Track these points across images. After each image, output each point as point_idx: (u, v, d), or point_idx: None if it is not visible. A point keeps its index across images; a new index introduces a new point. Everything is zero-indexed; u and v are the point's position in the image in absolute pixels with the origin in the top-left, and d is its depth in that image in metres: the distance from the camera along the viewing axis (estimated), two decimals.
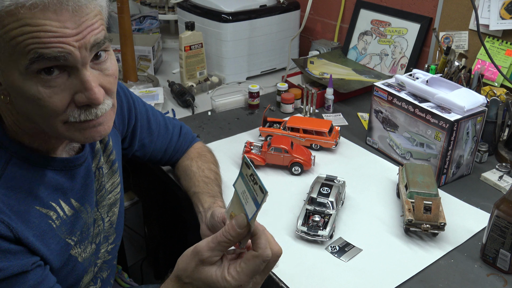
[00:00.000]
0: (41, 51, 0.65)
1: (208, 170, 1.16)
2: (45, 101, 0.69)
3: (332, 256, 1.02)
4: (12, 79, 0.68)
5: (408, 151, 1.31)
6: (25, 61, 0.65)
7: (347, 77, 1.78)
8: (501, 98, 1.38)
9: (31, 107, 0.70)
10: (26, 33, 0.64)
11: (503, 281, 0.96)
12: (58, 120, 0.72)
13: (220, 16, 1.78)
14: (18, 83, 0.68)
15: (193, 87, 1.77)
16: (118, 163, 1.01)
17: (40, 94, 0.68)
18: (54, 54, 0.66)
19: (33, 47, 0.65)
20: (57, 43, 0.66)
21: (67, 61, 0.68)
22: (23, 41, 0.65)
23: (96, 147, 0.93)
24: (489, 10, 1.52)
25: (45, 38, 0.65)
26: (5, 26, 0.65)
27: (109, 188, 0.98)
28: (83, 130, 0.75)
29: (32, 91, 0.68)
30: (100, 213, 0.95)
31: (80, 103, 0.71)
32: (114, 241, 1.02)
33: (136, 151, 1.13)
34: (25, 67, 0.66)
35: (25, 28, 0.64)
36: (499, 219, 0.95)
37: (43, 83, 0.68)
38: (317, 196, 1.10)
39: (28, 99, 0.69)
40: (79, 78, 0.70)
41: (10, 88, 0.70)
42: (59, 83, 0.69)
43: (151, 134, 1.14)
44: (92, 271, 0.95)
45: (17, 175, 0.75)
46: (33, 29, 0.64)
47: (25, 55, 0.65)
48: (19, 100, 0.71)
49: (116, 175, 1.00)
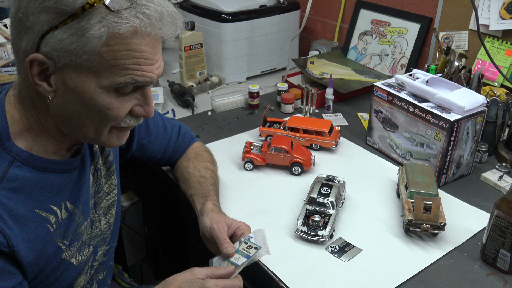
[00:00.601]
0: (136, 78, 0.72)
1: (204, 169, 1.16)
2: (114, 111, 0.75)
3: (332, 256, 1.02)
4: (85, 88, 0.72)
5: (408, 151, 1.31)
6: (116, 80, 0.71)
7: (347, 77, 1.78)
8: (501, 98, 1.38)
9: (90, 113, 0.75)
10: (130, 58, 0.71)
11: (503, 281, 0.96)
12: (110, 125, 0.78)
13: (220, 16, 1.78)
14: (92, 94, 0.73)
15: (193, 87, 1.77)
16: (115, 164, 1.01)
17: (111, 105, 0.74)
18: (144, 82, 0.74)
19: (132, 73, 0.72)
20: (149, 72, 0.74)
21: (147, 86, 0.77)
22: (125, 64, 0.71)
23: (94, 149, 0.93)
24: (489, 10, 1.52)
25: (143, 65, 0.73)
26: (110, 46, 0.69)
27: (107, 190, 0.98)
28: (120, 135, 0.82)
29: (104, 102, 0.74)
30: (98, 215, 0.95)
31: (138, 114, 0.79)
32: (109, 242, 1.02)
33: (135, 152, 1.13)
34: (112, 84, 0.72)
35: (130, 53, 0.70)
36: (499, 219, 0.95)
37: (118, 96, 0.74)
38: (317, 196, 1.10)
39: (93, 107, 0.74)
40: (143, 95, 0.78)
41: (70, 93, 0.73)
42: (128, 96, 0.76)
43: (150, 134, 1.14)
44: (88, 273, 0.95)
45: (19, 177, 0.75)
46: (137, 55, 0.71)
47: (119, 75, 0.71)
48: (74, 105, 0.74)
49: (113, 177, 1.00)
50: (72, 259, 0.87)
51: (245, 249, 0.94)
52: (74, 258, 0.87)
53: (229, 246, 0.94)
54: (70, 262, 0.86)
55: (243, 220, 1.08)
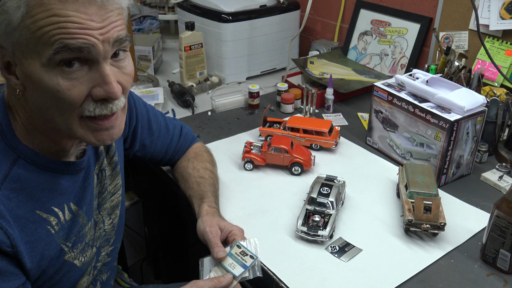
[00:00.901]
0: (66, 42, 0.66)
1: (203, 170, 1.16)
2: (64, 93, 0.69)
3: (332, 256, 1.02)
4: (33, 71, 0.68)
5: (408, 151, 1.31)
6: (49, 51, 0.66)
7: (347, 77, 1.78)
8: (501, 98, 1.38)
9: (49, 100, 0.71)
10: (54, 23, 0.65)
11: (503, 281, 0.96)
12: (74, 114, 0.72)
13: (220, 16, 1.78)
14: (39, 75, 0.68)
15: (193, 87, 1.77)
16: (120, 165, 1.01)
17: (59, 86, 0.69)
18: (78, 45, 0.67)
19: (59, 37, 0.66)
20: (83, 35, 0.67)
21: (90, 54, 0.69)
22: (50, 31, 0.66)
23: (99, 149, 0.93)
24: (489, 10, 1.52)
25: (71, 29, 0.66)
26: (34, 16, 0.66)
27: (112, 190, 0.98)
28: (96, 132, 0.75)
29: (51, 83, 0.68)
30: (101, 216, 0.94)
31: (98, 96, 0.72)
32: (113, 243, 1.01)
33: (137, 152, 1.13)
34: (48, 58, 0.67)
35: (53, 18, 0.65)
36: (499, 219, 0.95)
37: (64, 75, 0.69)
38: (317, 196, 1.10)
39: (46, 91, 0.69)
40: (99, 72, 0.71)
41: (28, 80, 0.70)
42: (78, 75, 0.70)
43: (152, 134, 1.14)
44: (91, 274, 0.94)
45: (22, 177, 0.75)
46: (61, 19, 0.66)
47: (50, 46, 0.66)
48: (36, 93, 0.71)
49: (118, 177, 0.99)
50: (75, 261, 0.86)
51: (239, 254, 0.93)
52: (77, 260, 0.87)
53: (220, 250, 0.94)
54: (73, 264, 0.86)
55: (243, 220, 1.08)
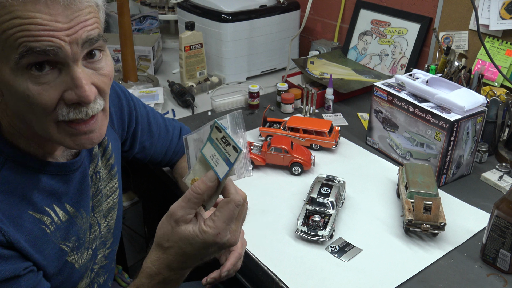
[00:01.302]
0: (30, 45, 0.63)
1: None
2: (34, 98, 0.67)
3: (332, 256, 1.02)
4: (3, 76, 0.67)
5: (408, 151, 1.31)
6: (15, 55, 0.64)
7: (347, 77, 1.78)
8: (501, 98, 1.38)
9: (22, 105, 0.69)
10: (16, 26, 0.63)
11: (503, 281, 0.96)
12: (49, 119, 0.70)
13: (220, 16, 1.78)
14: (9, 80, 0.66)
15: (193, 87, 1.77)
16: (117, 167, 1.00)
17: (29, 91, 0.66)
18: (43, 47, 0.64)
19: (23, 41, 0.63)
20: (47, 37, 0.64)
21: (57, 56, 0.66)
22: (13, 34, 0.63)
23: (94, 151, 0.92)
24: (489, 10, 1.52)
25: (34, 31, 0.63)
26: None
27: (107, 193, 0.97)
28: (74, 136, 0.73)
29: (21, 88, 0.66)
30: (96, 218, 0.94)
31: (70, 101, 0.69)
32: (111, 245, 1.01)
33: (137, 154, 1.13)
34: (15, 62, 0.64)
35: (16, 20, 0.63)
36: (499, 219, 0.95)
37: (33, 79, 0.66)
38: (317, 196, 1.10)
39: (18, 96, 0.67)
40: (69, 75, 0.68)
41: (2, 85, 0.68)
42: (49, 79, 0.67)
43: (152, 136, 1.13)
44: (88, 277, 0.94)
45: (11, 179, 0.74)
46: (23, 21, 0.63)
47: (15, 49, 0.64)
48: (11, 98, 0.69)
49: (115, 180, 0.99)
50: (76, 263, 0.86)
51: (220, 142, 0.74)
52: (77, 262, 0.87)
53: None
54: (74, 266, 0.86)
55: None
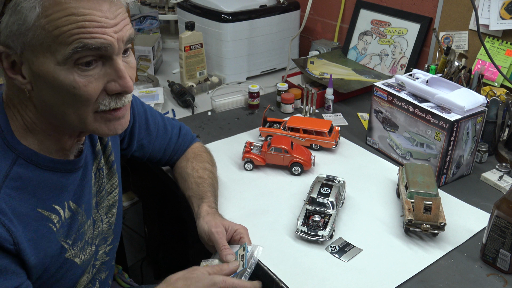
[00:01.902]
0: (85, 41, 0.67)
1: (202, 170, 1.16)
2: (81, 90, 0.70)
3: (332, 256, 1.02)
4: (46, 69, 0.69)
5: (408, 151, 1.31)
6: (66, 50, 0.67)
7: (347, 77, 1.78)
8: (501, 98, 1.38)
9: (62, 97, 0.71)
10: (72, 23, 0.66)
11: (503, 281, 0.96)
12: (89, 109, 0.74)
13: (220, 16, 1.78)
14: (53, 73, 0.69)
15: (193, 87, 1.77)
16: (117, 164, 1.01)
17: (76, 83, 0.70)
18: (97, 45, 0.68)
19: (78, 37, 0.67)
20: (101, 34, 0.68)
21: (107, 52, 0.70)
22: (68, 30, 0.66)
23: (96, 148, 0.93)
24: (489, 10, 1.52)
25: (90, 28, 0.67)
26: (49, 16, 0.66)
27: (109, 190, 0.98)
28: (109, 122, 0.77)
29: (68, 81, 0.69)
30: (100, 214, 0.95)
31: (113, 91, 0.73)
32: (112, 242, 1.02)
33: (135, 152, 1.13)
34: (65, 57, 0.67)
35: (71, 17, 0.66)
36: (499, 219, 0.95)
37: (80, 72, 0.70)
38: (317, 196, 1.10)
39: (61, 88, 0.70)
40: (113, 68, 0.72)
41: (39, 79, 0.70)
42: (94, 72, 0.71)
43: (150, 134, 1.14)
44: (90, 273, 0.95)
45: (23, 176, 0.75)
46: (79, 18, 0.66)
47: (68, 45, 0.67)
48: (47, 91, 0.72)
49: (115, 177, 1.00)
50: (75, 259, 0.87)
51: (240, 257, 0.95)
52: (78, 258, 0.87)
53: (229, 253, 0.95)
54: (74, 261, 0.87)
55: (243, 220, 1.08)
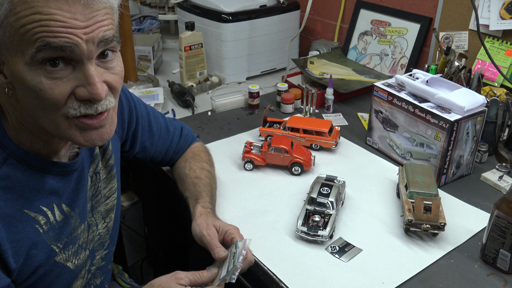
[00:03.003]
0: (48, 40, 0.65)
1: (199, 170, 1.15)
2: (46, 92, 0.68)
3: (332, 256, 1.02)
4: (17, 69, 0.68)
5: (408, 151, 1.31)
6: (31, 49, 0.66)
7: (347, 77, 1.78)
8: (501, 98, 1.38)
9: (33, 100, 0.70)
10: (36, 21, 0.65)
11: (503, 281, 0.96)
12: (59, 114, 0.71)
13: (220, 16, 1.78)
14: (22, 73, 0.68)
15: (193, 87, 1.77)
16: (116, 168, 1.00)
17: (41, 85, 0.68)
18: (61, 43, 0.66)
19: (41, 35, 0.65)
20: (65, 33, 0.66)
21: (73, 53, 0.68)
22: (32, 29, 0.65)
23: (95, 152, 0.92)
24: (489, 10, 1.52)
25: (54, 27, 0.65)
26: (17, 14, 0.65)
27: (107, 194, 0.97)
28: (84, 132, 0.74)
29: (34, 82, 0.68)
30: (95, 219, 0.94)
31: (81, 97, 0.70)
32: (108, 247, 1.01)
33: (137, 153, 1.13)
34: (31, 56, 0.66)
35: (36, 16, 0.65)
36: (499, 219, 0.95)
37: (47, 74, 0.68)
38: (317, 196, 1.10)
39: (30, 90, 0.69)
40: (83, 72, 0.69)
41: (14, 79, 0.69)
42: (62, 75, 0.69)
43: (152, 136, 1.13)
44: (85, 278, 0.94)
45: (12, 175, 0.74)
46: (43, 17, 0.65)
47: (33, 43, 0.65)
48: (22, 92, 0.70)
49: (114, 180, 0.99)
50: (67, 263, 0.86)
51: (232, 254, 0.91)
52: (70, 262, 0.86)
53: (221, 250, 0.93)
54: (66, 266, 0.85)
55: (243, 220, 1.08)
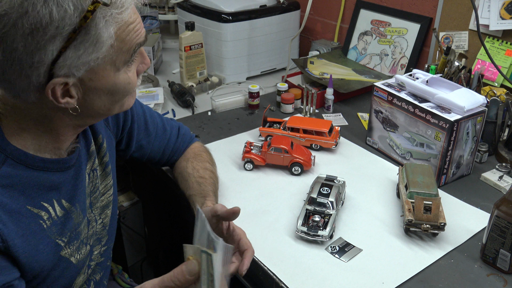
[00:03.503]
0: (139, 41, 0.76)
1: (202, 170, 1.16)
2: (132, 82, 0.80)
3: (332, 256, 1.02)
4: (106, 81, 0.75)
5: (408, 151, 1.31)
6: (127, 56, 0.75)
7: (347, 77, 1.78)
8: (501, 98, 1.38)
9: (115, 97, 0.79)
10: (132, 31, 0.74)
11: (503, 281, 0.96)
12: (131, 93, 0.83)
13: (220, 16, 1.78)
14: (114, 80, 0.76)
15: (193, 87, 1.77)
16: (111, 165, 1.01)
17: (129, 79, 0.79)
18: (142, 41, 0.77)
19: (135, 41, 0.75)
20: (141, 29, 0.76)
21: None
22: (130, 39, 0.74)
23: (91, 149, 0.93)
24: (489, 10, 1.52)
25: (139, 29, 0.76)
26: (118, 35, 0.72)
27: (102, 190, 0.98)
28: (132, 98, 0.86)
29: (124, 80, 0.78)
30: (94, 215, 0.95)
31: (141, 71, 0.84)
32: (106, 243, 1.02)
33: (134, 152, 1.13)
34: (125, 62, 0.76)
35: (130, 26, 0.73)
36: (499, 219, 0.95)
37: (128, 68, 0.78)
38: (317, 196, 1.10)
39: (117, 90, 0.78)
40: (139, 52, 0.82)
41: (93, 92, 0.75)
42: (134, 63, 0.80)
43: (149, 135, 1.14)
44: (86, 273, 0.95)
45: (12, 174, 0.76)
46: (133, 26, 0.74)
47: (130, 52, 0.75)
48: (99, 99, 0.78)
49: (109, 178, 1.00)
50: (71, 258, 0.87)
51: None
52: (73, 257, 0.87)
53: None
54: (70, 261, 0.87)
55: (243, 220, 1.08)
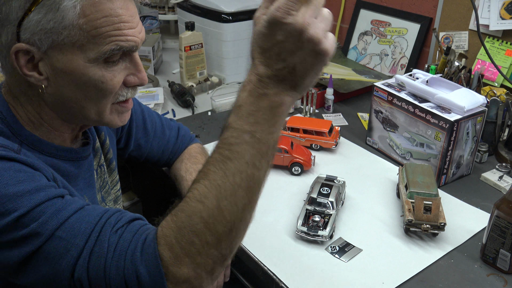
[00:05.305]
0: (121, 44, 0.72)
1: (195, 173, 1.14)
2: (108, 83, 0.74)
3: (332, 256, 1.02)
4: (74, 67, 0.71)
5: (408, 151, 1.31)
6: (101, 51, 0.70)
7: (347, 77, 1.78)
8: (501, 98, 1.38)
9: (86, 92, 0.74)
10: (110, 24, 0.70)
11: (503, 281, 0.96)
12: (109, 101, 0.78)
13: (220, 16, 1.78)
14: (82, 70, 0.72)
15: (193, 87, 1.77)
16: (115, 161, 1.02)
17: (104, 78, 0.74)
18: (129, 47, 0.73)
19: (115, 39, 0.71)
20: (132, 36, 0.73)
21: (132, 51, 0.75)
22: (106, 32, 0.69)
23: (96, 146, 0.94)
24: (489, 10, 1.52)
25: (124, 29, 0.71)
26: (87, 16, 0.68)
27: (111, 185, 1.00)
28: (121, 114, 0.82)
29: (96, 76, 0.73)
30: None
31: (132, 83, 0.78)
32: None
33: (132, 152, 1.13)
34: (98, 56, 0.71)
35: (109, 18, 0.69)
36: (499, 219, 0.95)
37: (107, 68, 0.74)
38: (317, 196, 1.10)
39: (87, 84, 0.73)
40: (133, 62, 0.77)
41: (62, 76, 0.72)
42: (118, 67, 0.75)
43: (147, 134, 1.14)
44: None
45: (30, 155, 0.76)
46: (115, 19, 0.69)
47: (104, 45, 0.70)
48: (69, 87, 0.74)
49: (114, 173, 1.01)
50: None
51: None
52: None
53: None
54: None
55: None
